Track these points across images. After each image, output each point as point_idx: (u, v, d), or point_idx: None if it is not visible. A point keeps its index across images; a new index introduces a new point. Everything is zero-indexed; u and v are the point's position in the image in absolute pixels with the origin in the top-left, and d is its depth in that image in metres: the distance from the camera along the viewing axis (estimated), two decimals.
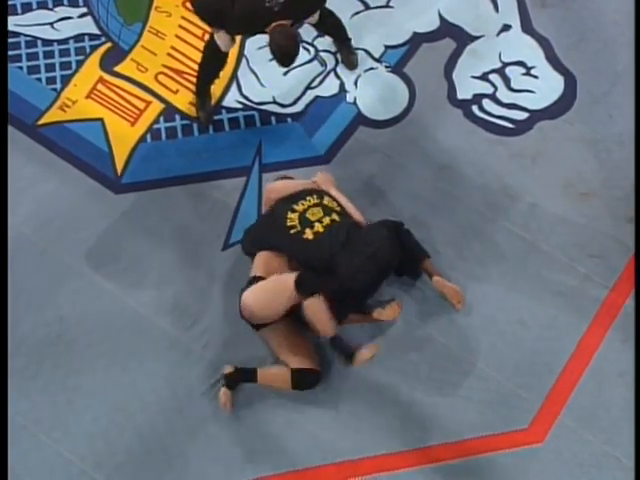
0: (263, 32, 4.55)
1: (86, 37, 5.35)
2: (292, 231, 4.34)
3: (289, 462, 4.21)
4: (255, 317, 4.24)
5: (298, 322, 4.27)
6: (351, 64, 5.25)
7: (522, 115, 5.10)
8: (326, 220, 4.36)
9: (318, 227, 4.33)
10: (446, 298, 4.50)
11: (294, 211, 4.39)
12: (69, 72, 5.26)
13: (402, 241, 4.43)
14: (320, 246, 4.28)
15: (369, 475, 4.20)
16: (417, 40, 5.35)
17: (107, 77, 5.25)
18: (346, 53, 5.26)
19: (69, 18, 5.43)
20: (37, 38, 5.36)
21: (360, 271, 4.24)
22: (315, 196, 4.46)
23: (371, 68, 5.27)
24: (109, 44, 5.35)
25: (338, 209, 4.45)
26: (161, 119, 5.13)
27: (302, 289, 4.13)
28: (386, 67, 5.27)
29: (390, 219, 4.53)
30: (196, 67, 5.11)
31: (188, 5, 5.38)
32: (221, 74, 5.07)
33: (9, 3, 5.41)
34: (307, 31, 5.32)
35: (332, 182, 4.63)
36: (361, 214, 4.53)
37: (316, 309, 4.15)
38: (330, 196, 4.51)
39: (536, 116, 5.09)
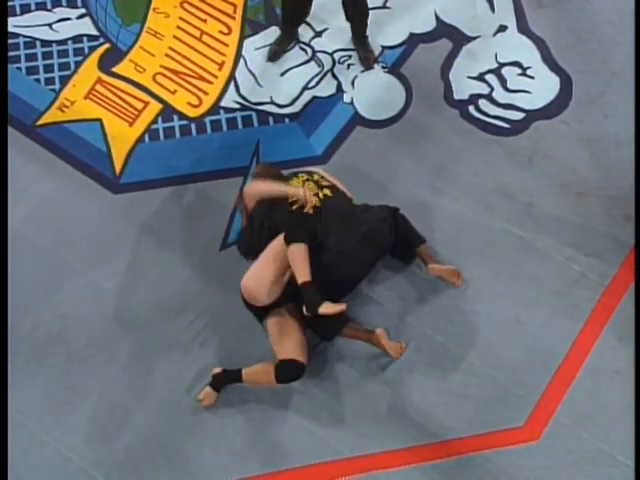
0: None
1: (84, 38, 5.38)
2: (294, 207, 4.37)
3: (286, 460, 4.23)
4: (257, 293, 4.24)
5: (297, 315, 4.29)
6: (367, 61, 5.26)
7: (518, 115, 5.12)
8: (321, 194, 4.42)
9: (315, 201, 4.39)
10: (444, 280, 4.54)
11: None
12: (68, 73, 5.28)
13: (398, 226, 4.49)
14: (318, 220, 4.33)
15: (366, 473, 4.21)
16: (414, 41, 5.36)
17: (105, 78, 5.27)
18: (363, 50, 5.26)
19: (67, 19, 5.45)
20: (36, 39, 5.38)
21: (352, 248, 4.29)
22: (304, 174, 4.53)
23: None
24: (107, 45, 5.37)
25: (327, 184, 4.50)
26: (159, 119, 5.15)
27: (289, 238, 4.16)
28: (383, 67, 5.28)
29: (387, 205, 4.59)
30: (193, 67, 5.14)
31: (186, 6, 5.43)
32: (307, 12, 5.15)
33: (8, 4, 5.43)
34: (305, 31, 5.36)
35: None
36: (350, 192, 4.58)
37: (297, 255, 4.15)
38: (316, 173, 4.58)
39: (532, 116, 5.11)
